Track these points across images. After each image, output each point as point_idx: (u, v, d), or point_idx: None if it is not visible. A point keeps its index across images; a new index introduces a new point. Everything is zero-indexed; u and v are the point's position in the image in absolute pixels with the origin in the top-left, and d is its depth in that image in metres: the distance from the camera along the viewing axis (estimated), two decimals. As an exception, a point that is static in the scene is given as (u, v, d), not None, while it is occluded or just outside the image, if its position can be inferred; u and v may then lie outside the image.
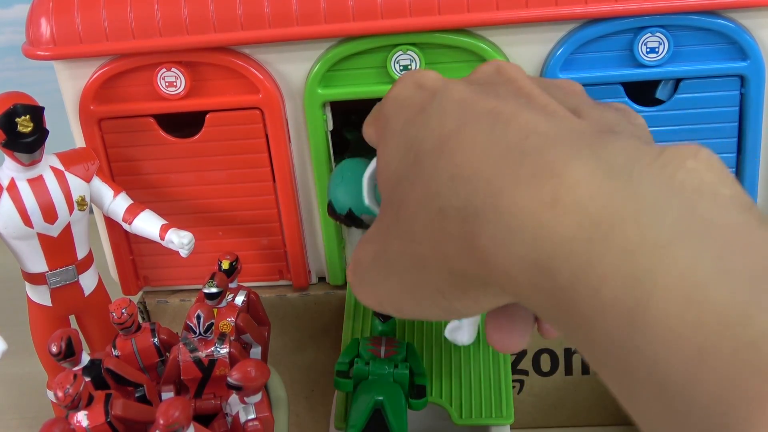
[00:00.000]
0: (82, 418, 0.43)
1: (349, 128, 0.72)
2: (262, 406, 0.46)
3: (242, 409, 0.47)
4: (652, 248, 0.21)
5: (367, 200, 0.36)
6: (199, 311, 0.50)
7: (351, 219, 0.39)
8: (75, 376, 0.43)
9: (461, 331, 0.47)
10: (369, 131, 0.35)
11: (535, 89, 0.29)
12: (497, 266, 0.24)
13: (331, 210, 0.40)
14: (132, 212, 0.57)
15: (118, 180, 0.61)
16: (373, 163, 0.35)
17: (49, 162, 0.55)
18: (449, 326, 0.47)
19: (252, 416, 0.46)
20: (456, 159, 0.26)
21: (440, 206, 0.26)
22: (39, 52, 0.58)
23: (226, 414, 0.49)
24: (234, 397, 0.47)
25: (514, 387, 0.63)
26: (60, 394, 0.42)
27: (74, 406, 0.43)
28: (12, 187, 0.53)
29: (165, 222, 0.57)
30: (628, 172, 0.23)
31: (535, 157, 0.24)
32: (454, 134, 0.27)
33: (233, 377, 0.45)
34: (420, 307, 0.30)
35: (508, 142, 0.25)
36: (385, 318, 0.52)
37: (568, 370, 0.63)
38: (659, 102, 0.57)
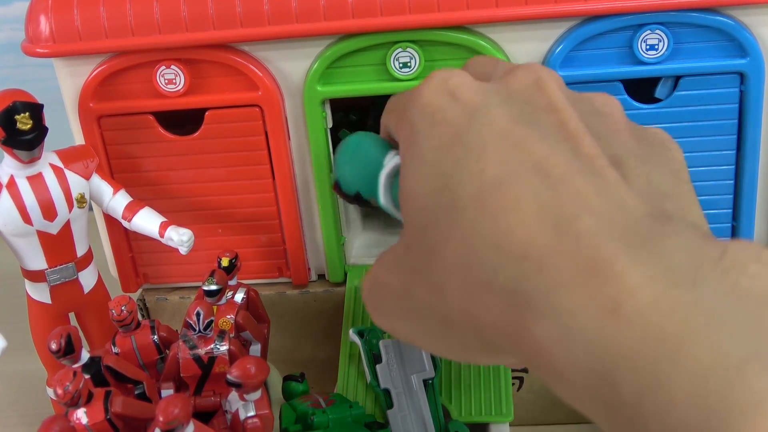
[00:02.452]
0: (81, 415, 0.43)
1: (345, 129, 0.72)
2: (262, 403, 0.46)
3: (242, 407, 0.47)
4: (724, 371, 0.19)
5: (382, 200, 0.33)
6: (198, 308, 0.50)
7: (359, 200, 0.36)
8: (74, 373, 0.43)
9: None
10: (389, 122, 0.33)
11: (580, 127, 0.27)
12: (550, 364, 0.23)
13: (338, 188, 0.37)
14: (131, 209, 0.57)
15: (117, 177, 0.61)
16: (392, 160, 0.32)
17: (48, 159, 0.55)
18: None
19: (252, 413, 0.46)
20: (501, 225, 0.24)
21: (485, 279, 0.24)
22: (38, 50, 0.58)
23: (226, 411, 0.49)
24: (233, 395, 0.47)
25: (513, 384, 0.63)
26: (60, 391, 0.42)
27: (74, 404, 0.43)
28: (11, 185, 0.53)
29: (164, 219, 0.57)
30: (691, 278, 0.21)
31: (590, 249, 0.22)
32: (497, 188, 0.25)
33: (233, 374, 0.45)
34: (439, 351, 0.29)
35: (559, 217, 0.23)
36: (302, 377, 0.52)
37: (568, 368, 0.63)
38: (658, 100, 0.57)
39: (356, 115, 0.77)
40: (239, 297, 0.56)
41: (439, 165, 0.27)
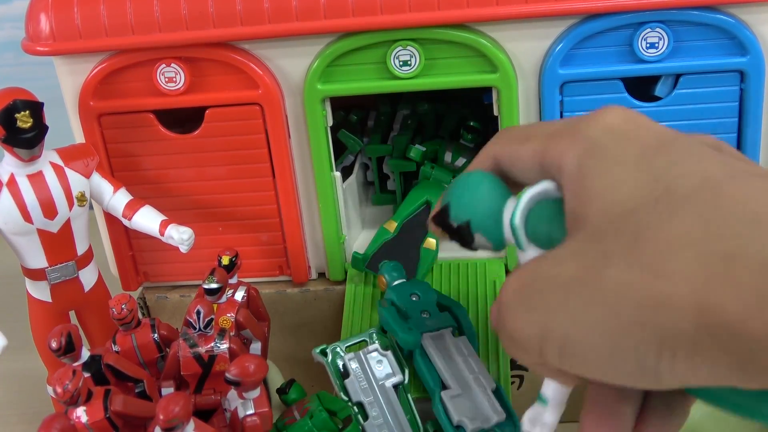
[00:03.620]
0: (81, 413, 0.43)
1: (344, 130, 0.72)
2: (261, 401, 0.46)
3: (241, 405, 0.47)
4: None
5: (518, 219, 0.33)
6: (199, 307, 0.50)
7: (461, 232, 0.36)
8: (74, 372, 0.43)
9: (536, 423, 0.37)
10: (528, 151, 0.33)
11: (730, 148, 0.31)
12: None
13: (443, 217, 0.37)
14: (132, 208, 0.57)
15: (117, 176, 0.61)
16: (539, 186, 0.33)
17: (48, 158, 0.55)
18: (529, 415, 0.37)
19: (251, 411, 0.46)
20: (751, 205, 0.24)
21: (730, 250, 0.24)
22: (38, 48, 0.58)
23: (225, 409, 0.49)
24: (232, 393, 0.47)
25: (513, 382, 0.63)
26: (59, 389, 0.42)
27: (73, 402, 0.43)
28: (12, 183, 0.53)
29: (165, 218, 0.57)
30: None
31: None
32: (729, 180, 0.26)
33: (231, 372, 0.45)
34: (609, 357, 0.26)
35: None
36: (289, 385, 0.52)
37: (568, 366, 0.63)
38: (658, 98, 0.57)
39: (357, 115, 0.76)
40: (239, 295, 0.56)
41: (645, 166, 0.28)
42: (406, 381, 0.51)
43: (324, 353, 0.53)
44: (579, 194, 0.29)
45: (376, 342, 0.53)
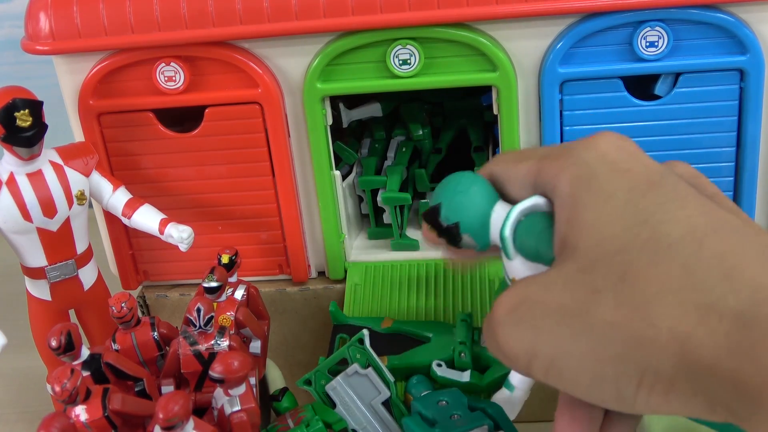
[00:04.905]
0: (80, 412, 0.43)
1: (340, 142, 0.70)
2: (247, 397, 0.46)
3: (227, 402, 0.46)
4: None
5: (507, 231, 0.35)
6: (199, 304, 0.49)
7: (450, 232, 0.37)
8: (72, 370, 0.43)
9: (512, 409, 0.44)
10: (523, 169, 0.34)
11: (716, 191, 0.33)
12: None
13: (434, 215, 0.38)
14: (131, 206, 0.57)
15: (117, 174, 0.61)
16: (531, 200, 0.34)
17: (48, 156, 0.55)
18: (496, 398, 0.44)
19: (237, 408, 0.46)
20: (728, 260, 0.26)
21: (709, 302, 0.26)
22: (38, 47, 0.58)
23: (212, 408, 0.48)
24: (219, 391, 0.47)
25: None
26: (57, 388, 0.42)
27: (72, 401, 0.43)
28: (11, 182, 0.53)
29: (164, 216, 0.57)
30: None
31: None
32: (712, 232, 0.27)
33: (215, 370, 0.45)
34: (590, 382, 0.28)
35: None
36: (282, 393, 0.52)
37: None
38: (658, 97, 0.57)
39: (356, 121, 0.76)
40: (239, 294, 0.56)
41: (633, 205, 0.29)
42: (394, 395, 0.50)
43: (308, 383, 0.51)
44: (571, 222, 0.31)
45: (356, 362, 0.51)
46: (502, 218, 0.35)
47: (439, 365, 0.52)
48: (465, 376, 0.52)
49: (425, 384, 0.51)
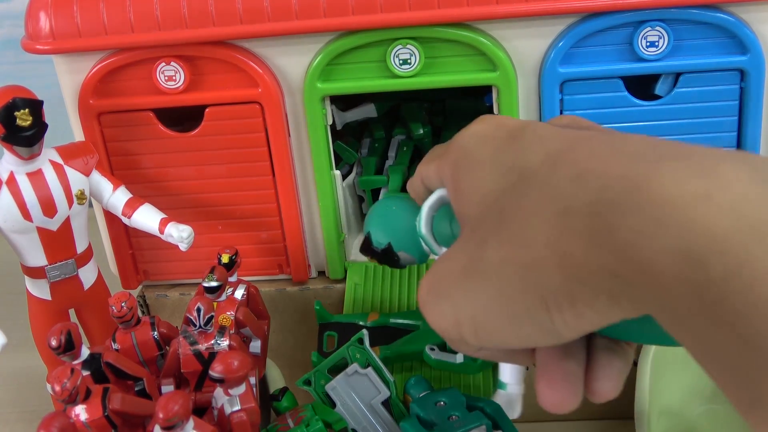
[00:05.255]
0: (80, 411, 0.43)
1: (340, 142, 0.70)
2: (247, 396, 0.46)
3: (227, 402, 0.46)
4: None
5: (424, 229, 0.36)
6: (199, 304, 0.49)
7: (387, 255, 0.39)
8: (72, 370, 0.43)
9: (513, 407, 0.45)
10: (432, 168, 0.36)
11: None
12: (636, 258, 0.25)
13: (367, 245, 0.40)
14: (131, 206, 0.57)
15: (117, 174, 0.61)
16: (435, 195, 0.36)
17: (48, 156, 0.55)
18: (498, 398, 0.45)
19: (237, 408, 0.46)
20: (579, 164, 0.27)
21: (563, 206, 0.27)
22: (38, 46, 0.58)
23: (212, 407, 0.48)
24: (219, 390, 0.47)
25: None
26: (57, 388, 0.42)
27: (71, 400, 0.43)
28: (11, 181, 0.53)
29: (164, 216, 0.57)
30: None
31: (678, 158, 0.25)
32: (567, 149, 0.29)
33: (215, 370, 0.45)
34: (511, 325, 0.29)
35: (636, 149, 0.27)
36: (282, 393, 0.51)
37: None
38: (658, 97, 0.57)
39: (355, 122, 0.75)
40: (239, 293, 0.56)
41: (500, 158, 0.31)
42: (394, 394, 0.50)
43: (308, 383, 0.51)
44: (456, 198, 0.33)
45: (356, 361, 0.51)
46: None
47: (432, 349, 0.53)
48: (459, 358, 0.53)
49: (424, 384, 0.52)
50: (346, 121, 0.72)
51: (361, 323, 0.57)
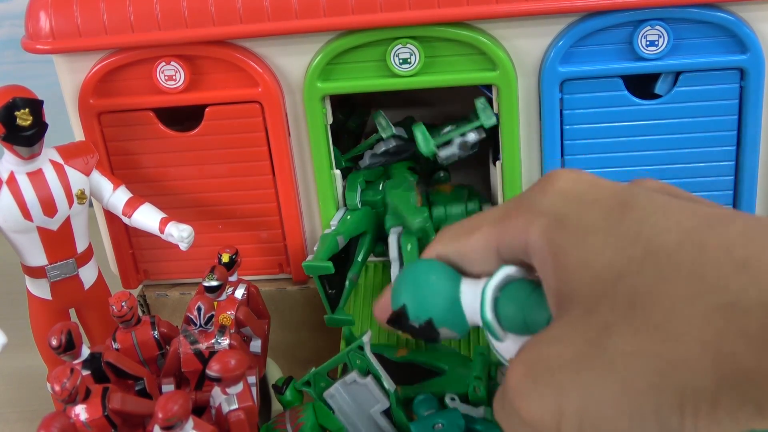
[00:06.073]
0: (80, 411, 0.43)
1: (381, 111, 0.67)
2: (245, 395, 0.46)
3: (224, 401, 0.46)
4: None
5: (489, 315, 0.32)
6: (199, 303, 0.50)
7: (425, 331, 0.34)
8: (72, 370, 0.43)
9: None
10: (489, 239, 0.32)
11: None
12: None
13: (402, 320, 0.35)
14: (131, 205, 0.57)
15: (117, 173, 0.61)
16: (500, 273, 0.32)
17: (48, 155, 0.55)
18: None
19: (234, 406, 0.46)
20: (736, 253, 0.25)
21: (728, 301, 0.24)
22: (38, 46, 0.58)
23: (210, 407, 0.48)
24: (216, 390, 0.47)
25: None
26: (57, 387, 0.42)
27: (71, 400, 0.43)
28: (11, 181, 0.53)
29: (164, 215, 0.57)
30: None
31: None
32: (705, 228, 0.26)
33: (212, 369, 0.45)
34: (629, 423, 0.26)
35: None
36: (286, 384, 0.51)
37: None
38: (658, 96, 0.57)
39: (355, 122, 0.75)
40: (240, 293, 0.56)
41: (615, 230, 0.28)
42: (394, 404, 0.49)
43: (307, 384, 0.51)
44: (557, 273, 0.29)
45: (356, 368, 0.50)
46: (475, 298, 0.33)
47: (453, 399, 0.51)
48: (479, 412, 0.50)
49: (430, 402, 0.50)
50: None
51: (386, 356, 0.56)
